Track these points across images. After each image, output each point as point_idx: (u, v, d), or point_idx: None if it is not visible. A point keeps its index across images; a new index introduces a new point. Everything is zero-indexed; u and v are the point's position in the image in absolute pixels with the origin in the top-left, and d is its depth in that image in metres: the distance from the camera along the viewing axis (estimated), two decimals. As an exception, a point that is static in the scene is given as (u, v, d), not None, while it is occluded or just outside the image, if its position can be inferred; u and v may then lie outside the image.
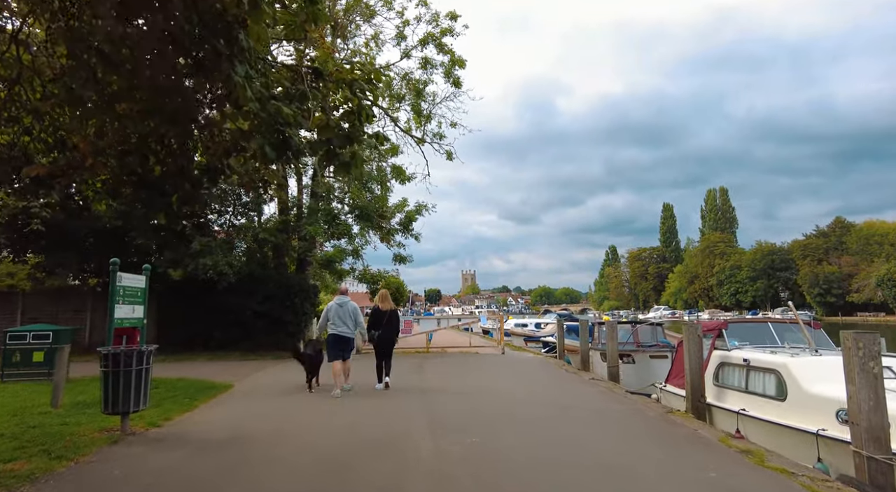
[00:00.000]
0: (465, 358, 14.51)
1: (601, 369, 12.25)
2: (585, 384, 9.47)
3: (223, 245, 13.86)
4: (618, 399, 7.80)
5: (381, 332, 8.52)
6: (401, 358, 14.35)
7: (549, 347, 20.90)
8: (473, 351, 16.54)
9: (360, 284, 21.92)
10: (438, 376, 10.37)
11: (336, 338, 8.01)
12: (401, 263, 15.36)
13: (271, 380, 10.07)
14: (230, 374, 10.78)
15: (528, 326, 31.05)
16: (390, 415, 6.41)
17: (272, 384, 9.40)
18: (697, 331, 7.01)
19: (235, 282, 15.34)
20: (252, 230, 15.88)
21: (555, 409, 6.90)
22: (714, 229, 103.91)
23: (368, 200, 14.06)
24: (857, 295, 69.20)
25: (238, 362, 13.47)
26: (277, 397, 7.89)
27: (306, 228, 13.65)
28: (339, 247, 14.09)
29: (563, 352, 15.79)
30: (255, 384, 9.40)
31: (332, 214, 13.79)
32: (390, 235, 14.87)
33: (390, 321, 8.65)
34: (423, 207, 15.22)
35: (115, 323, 7.42)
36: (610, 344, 10.79)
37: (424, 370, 11.35)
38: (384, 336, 8.55)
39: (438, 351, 16.47)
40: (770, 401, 6.02)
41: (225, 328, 15.73)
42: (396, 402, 7.42)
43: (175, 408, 6.43)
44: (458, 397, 7.90)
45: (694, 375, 6.96)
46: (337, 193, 15.96)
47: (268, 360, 14.22)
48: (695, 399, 6.93)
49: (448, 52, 15.92)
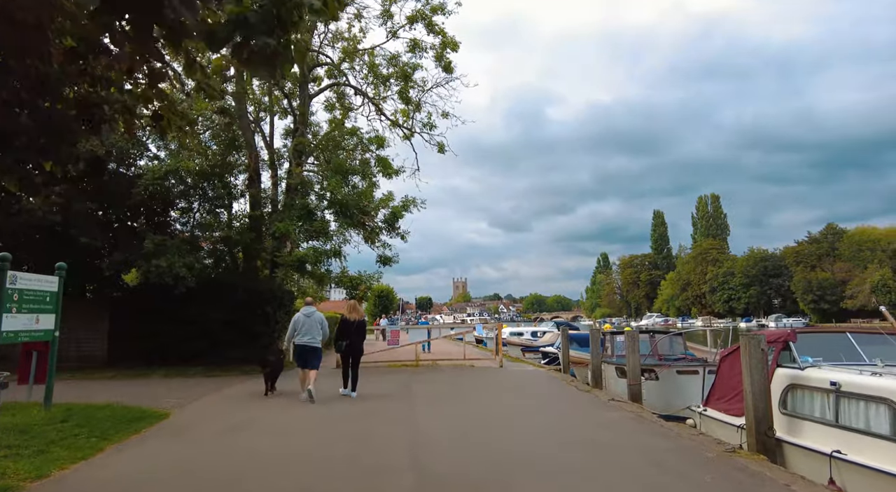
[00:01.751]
0: (459, 373, 12.82)
1: (617, 386, 10.64)
2: (607, 408, 7.84)
3: (182, 245, 12.08)
4: (657, 431, 6.18)
5: (349, 342, 8.63)
6: (386, 373, 12.64)
7: (549, 358, 19.27)
8: (468, 364, 14.85)
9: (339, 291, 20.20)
10: (429, 399, 8.67)
11: (303, 348, 8.19)
12: (385, 264, 13.67)
13: (226, 404, 8.30)
14: (180, 395, 8.99)
15: (524, 334, 29.33)
16: (366, 466, 4.71)
17: (223, 411, 7.64)
18: (760, 343, 5.46)
19: (199, 288, 13.54)
20: (220, 228, 14.12)
21: (586, 450, 5.26)
22: (706, 236, 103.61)
23: (349, 194, 12.40)
24: (852, 301, 68.63)
25: (198, 380, 11.64)
26: (222, 431, 6.15)
27: (276, 226, 11.94)
28: (313, 247, 12.35)
29: (567, 365, 14.18)
30: (201, 411, 7.62)
31: (308, 210, 12.11)
32: (374, 234, 13.20)
33: (358, 332, 8.77)
34: (410, 203, 13.57)
35: (3, 338, 5.66)
36: (631, 358, 9.20)
37: (412, 390, 9.65)
38: (352, 346, 8.65)
39: (429, 364, 14.76)
40: (880, 442, 4.48)
41: (187, 340, 13.86)
42: (376, 441, 5.72)
43: (67, 455, 4.67)
44: (456, 431, 6.22)
45: (758, 400, 5.38)
46: (317, 189, 14.27)
47: (234, 376, 12.41)
48: (759, 432, 5.34)
49: (439, 32, 14.43)
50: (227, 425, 6.59)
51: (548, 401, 8.76)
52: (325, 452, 5.17)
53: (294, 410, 7.88)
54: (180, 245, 12.06)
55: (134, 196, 11.36)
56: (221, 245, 14.69)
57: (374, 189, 14.36)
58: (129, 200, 11.60)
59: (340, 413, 7.43)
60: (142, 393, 9.18)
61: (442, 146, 15.81)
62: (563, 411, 7.71)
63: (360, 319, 8.80)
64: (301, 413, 7.56)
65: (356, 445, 5.44)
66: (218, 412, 7.60)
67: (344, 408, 7.81)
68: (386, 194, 13.55)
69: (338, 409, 7.80)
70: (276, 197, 15.29)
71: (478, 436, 5.85)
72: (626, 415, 7.24)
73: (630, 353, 9.25)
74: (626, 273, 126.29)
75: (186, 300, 13.59)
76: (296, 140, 13.64)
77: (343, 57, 15.32)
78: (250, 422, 6.85)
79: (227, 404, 8.47)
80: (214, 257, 14.83)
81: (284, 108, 16.51)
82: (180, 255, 11.62)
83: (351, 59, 15.65)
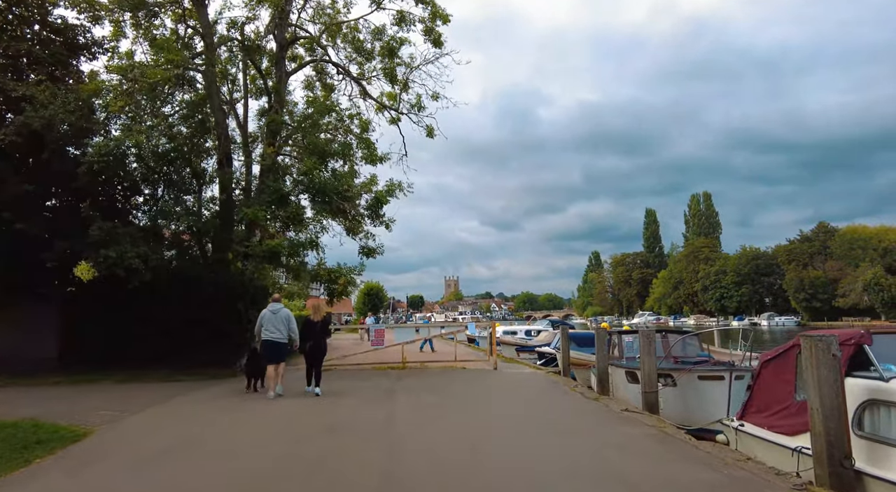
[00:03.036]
0: (449, 376, 11.59)
1: (627, 393, 9.47)
2: (622, 421, 6.65)
3: (138, 234, 10.70)
4: (691, 454, 5.00)
5: (313, 342, 8.68)
6: (369, 377, 11.37)
7: (545, 358, 18.13)
8: (459, 366, 13.62)
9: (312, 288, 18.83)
10: (412, 409, 7.41)
11: (270, 343, 8.32)
12: (368, 256, 12.36)
13: (172, 415, 6.99)
14: (122, 405, 7.65)
15: (517, 333, 28.10)
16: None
17: (164, 425, 6.33)
18: (831, 346, 4.29)
19: (162, 282, 12.17)
20: (187, 216, 12.72)
21: (606, 486, 4.05)
22: (698, 234, 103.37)
23: (327, 178, 11.05)
24: (844, 300, 68.52)
25: (155, 386, 10.29)
26: (148, 457, 4.85)
27: (243, 211, 10.60)
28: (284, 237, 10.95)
29: (567, 367, 13.00)
30: (137, 427, 6.30)
31: (281, 194, 10.77)
32: (356, 222, 11.89)
33: (322, 331, 8.92)
34: (396, 187, 12.26)
35: None
36: (646, 361, 8.01)
37: (395, 397, 8.39)
38: (315, 345, 8.70)
39: (417, 366, 13.51)
40: None
41: (149, 340, 12.50)
42: (340, 470, 4.46)
43: None
44: (439, 455, 4.98)
45: (830, 421, 4.21)
46: (295, 174, 12.88)
47: (200, 381, 11.08)
48: (833, 463, 4.17)
49: (428, 2, 13.12)
50: (160, 446, 5.29)
51: (550, 412, 7.55)
52: (270, 488, 3.91)
53: (250, 421, 6.61)
54: (135, 233, 10.66)
55: (80, 177, 9.94)
56: (190, 234, 13.30)
57: (355, 173, 13.01)
58: (74, 182, 10.18)
59: (304, 427, 6.17)
60: (77, 404, 7.83)
61: (431, 130, 14.52)
62: (570, 425, 6.49)
63: (323, 319, 8.96)
64: (257, 426, 6.29)
65: (312, 478, 4.18)
66: (157, 428, 6.28)
67: (309, 421, 6.55)
68: (369, 177, 12.24)
69: (302, 420, 6.54)
70: (250, 183, 13.91)
71: (466, 463, 4.62)
72: (647, 431, 6.04)
73: (645, 355, 8.06)
74: (617, 272, 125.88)
75: (148, 296, 12.21)
76: (269, 118, 12.25)
77: (324, 29, 13.96)
78: (192, 441, 5.57)
79: (174, 415, 7.16)
80: (180, 248, 13.43)
81: (260, 88, 15.12)
82: (134, 244, 10.23)
83: (332, 34, 14.30)
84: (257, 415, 7.04)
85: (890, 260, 66.19)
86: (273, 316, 8.35)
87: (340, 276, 11.73)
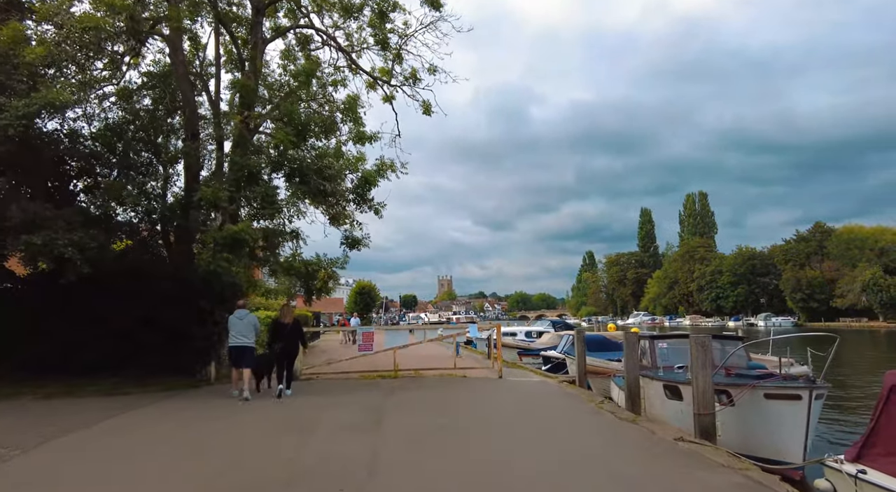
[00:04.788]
0: (449, 388, 9.88)
1: (664, 411, 7.81)
2: (692, 462, 4.97)
3: (75, 218, 8.86)
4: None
5: (283, 345, 8.73)
6: (356, 389, 9.59)
7: (552, 363, 16.46)
8: (459, 374, 11.92)
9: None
10: (406, 442, 5.67)
11: (237, 349, 8.48)
12: (353, 248, 10.56)
13: (84, 456, 5.19)
14: (26, 433, 5.85)
15: (517, 335, 26.24)
16: None
17: (65, 473, 4.54)
18: None
19: (111, 277, 10.36)
20: (144, 200, 10.88)
21: None
22: (693, 234, 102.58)
23: (305, 154, 9.25)
24: (841, 300, 67.72)
25: (92, 402, 8.47)
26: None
27: (202, 191, 8.79)
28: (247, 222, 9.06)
29: (584, 376, 11.33)
30: (7, 481, 4.50)
31: (249, 172, 8.95)
32: (339, 206, 10.08)
33: (291, 334, 8.85)
34: (387, 167, 10.46)
35: None
36: (701, 376, 6.32)
37: (383, 421, 6.64)
38: (285, 349, 8.78)
39: (411, 375, 11.78)
40: None
41: (95, 345, 10.65)
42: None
43: None
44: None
45: None
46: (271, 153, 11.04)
47: (151, 393, 9.29)
48: None
49: (426, -46, 11.37)
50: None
51: (580, 440, 5.86)
52: None
53: (183, 463, 4.83)
54: (72, 218, 8.82)
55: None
56: (143, 222, 11.46)
57: (341, 154, 11.19)
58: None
59: (250, 475, 4.40)
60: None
61: (428, 105, 12.75)
62: (621, 470, 4.78)
63: (294, 321, 9.00)
64: (188, 473, 4.51)
65: None
66: (41, 480, 4.48)
67: (262, 462, 4.78)
68: (356, 155, 10.40)
69: (253, 462, 4.77)
70: (222, 164, 12.07)
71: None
72: (732, 480, 4.36)
73: (699, 368, 6.39)
74: (612, 271, 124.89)
75: (94, 293, 10.40)
76: (239, 82, 10.38)
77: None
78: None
79: (85, 452, 5.35)
80: (136, 238, 11.57)
81: (234, 59, 13.25)
82: (70, 230, 8.38)
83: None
84: (197, 451, 5.27)
85: (887, 260, 65.50)
86: (239, 322, 8.53)
87: (319, 268, 9.94)
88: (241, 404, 7.94)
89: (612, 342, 15.50)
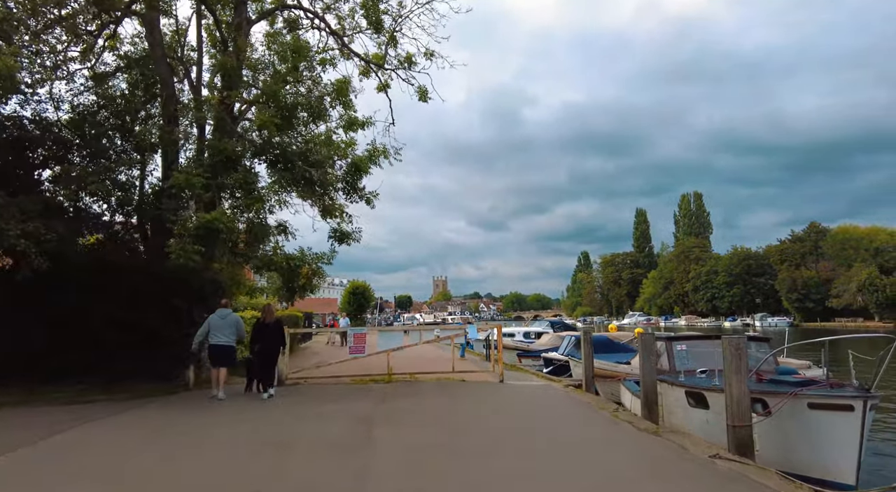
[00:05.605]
0: (447, 394, 9.06)
1: (687, 422, 7.04)
2: (738, 488, 4.18)
3: (34, 208, 7.97)
4: None
5: (263, 345, 8.64)
6: (346, 395, 8.75)
7: (554, 365, 15.69)
8: (458, 378, 11.11)
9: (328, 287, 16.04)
10: (400, 462, 4.84)
11: (217, 348, 8.49)
12: (341, 242, 9.66)
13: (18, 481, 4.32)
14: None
15: (515, 335, 25.39)
16: None
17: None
18: None
19: (77, 272, 9.48)
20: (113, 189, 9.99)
21: None
22: (689, 234, 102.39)
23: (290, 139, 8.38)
24: (837, 300, 67.57)
25: (43, 412, 7.59)
26: None
27: (174, 177, 7.92)
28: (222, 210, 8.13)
29: (591, 380, 10.56)
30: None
31: (226, 156, 8.07)
32: (328, 196, 9.19)
33: (273, 334, 8.74)
34: (380, 152, 9.61)
35: None
36: (734, 381, 5.54)
37: (374, 435, 5.80)
38: (266, 348, 8.66)
39: (405, 378, 10.97)
40: None
41: (61, 347, 9.73)
42: None
43: None
44: None
45: None
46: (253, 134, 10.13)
47: (117, 403, 8.41)
48: None
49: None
50: None
51: (601, 458, 5.07)
52: None
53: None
54: (29, 207, 7.93)
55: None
56: (117, 214, 10.57)
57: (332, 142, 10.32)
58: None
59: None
60: None
61: (424, 91, 11.92)
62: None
63: (276, 321, 8.83)
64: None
65: None
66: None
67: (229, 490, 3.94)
68: (346, 139, 9.49)
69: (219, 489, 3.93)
70: (203, 151, 11.17)
71: None
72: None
73: (732, 374, 5.61)
74: (607, 272, 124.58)
75: (58, 290, 9.49)
76: (219, 61, 9.50)
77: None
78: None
79: (21, 476, 4.48)
80: (107, 231, 10.68)
81: (217, 41, 12.36)
82: (22, 220, 7.49)
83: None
84: (144, 480, 4.40)
85: (882, 260, 65.43)
86: (221, 321, 8.53)
87: (302, 264, 9.08)
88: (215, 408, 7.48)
89: (618, 344, 14.77)
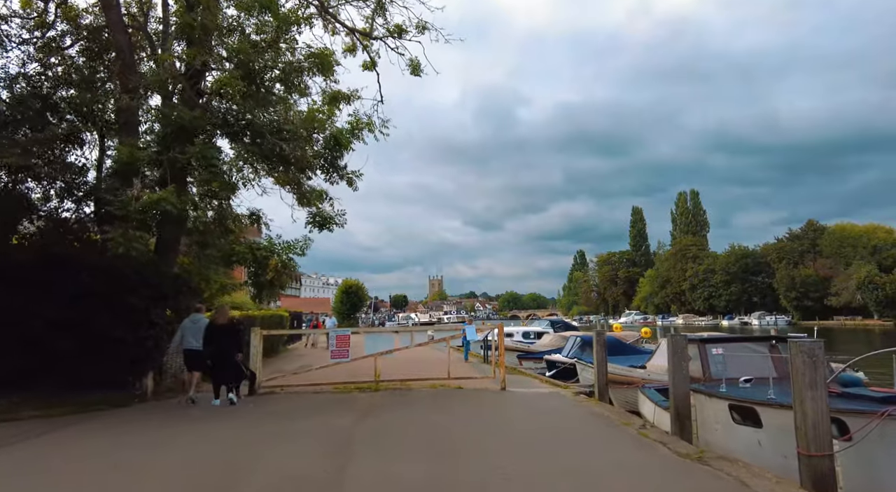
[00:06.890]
0: (442, 406, 7.81)
1: (730, 441, 5.83)
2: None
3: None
4: None
5: (213, 347, 8.20)
6: (323, 407, 7.46)
7: (557, 368, 14.47)
8: (454, 385, 9.88)
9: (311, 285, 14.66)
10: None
11: (190, 352, 8.37)
12: (322, 228, 8.32)
13: None
14: None
15: (514, 335, 24.14)
16: None
17: None
18: None
19: (10, 267, 8.15)
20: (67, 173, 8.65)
21: None
22: (686, 232, 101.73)
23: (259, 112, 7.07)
24: (836, 298, 66.97)
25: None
26: None
27: (116, 151, 6.62)
28: (171, 190, 6.72)
29: (605, 388, 9.34)
30: None
31: (180, 126, 6.72)
32: (304, 174, 7.88)
33: (225, 336, 8.24)
34: (364, 125, 8.27)
35: None
36: (809, 397, 4.32)
37: (348, 464, 4.53)
38: (217, 350, 8.16)
39: (396, 386, 9.72)
40: None
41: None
42: None
43: None
44: None
45: None
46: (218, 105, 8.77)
47: (52, 419, 7.18)
48: None
49: None
50: None
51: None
52: None
53: None
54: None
55: None
56: (65, 199, 9.23)
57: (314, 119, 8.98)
58: None
59: None
60: None
61: (417, 65, 10.63)
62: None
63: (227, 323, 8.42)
64: None
65: None
66: None
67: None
68: (325, 110, 8.13)
69: None
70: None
71: None
72: None
73: (806, 389, 4.38)
74: (603, 271, 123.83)
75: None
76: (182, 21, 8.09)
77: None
78: None
79: None
80: (52, 219, 9.33)
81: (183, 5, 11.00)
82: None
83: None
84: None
85: (881, 258, 64.89)
86: (193, 326, 8.37)
87: (271, 254, 7.79)
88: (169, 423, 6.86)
89: (628, 345, 13.58)
